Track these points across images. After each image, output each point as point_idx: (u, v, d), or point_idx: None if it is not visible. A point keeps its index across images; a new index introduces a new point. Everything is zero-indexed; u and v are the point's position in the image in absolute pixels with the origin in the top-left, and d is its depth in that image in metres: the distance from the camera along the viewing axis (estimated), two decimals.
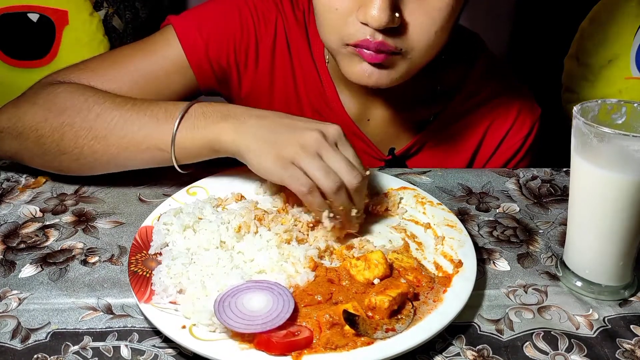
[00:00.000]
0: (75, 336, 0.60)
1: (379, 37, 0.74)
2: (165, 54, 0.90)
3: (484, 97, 0.97)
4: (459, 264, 0.68)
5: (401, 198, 0.81)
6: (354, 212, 0.70)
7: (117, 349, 0.59)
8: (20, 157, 0.83)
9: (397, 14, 0.73)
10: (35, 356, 0.58)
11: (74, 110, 0.78)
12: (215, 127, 0.73)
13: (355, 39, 0.75)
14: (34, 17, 1.42)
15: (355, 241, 0.73)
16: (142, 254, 0.68)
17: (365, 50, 0.76)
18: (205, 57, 0.91)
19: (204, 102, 0.77)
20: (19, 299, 0.65)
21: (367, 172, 0.71)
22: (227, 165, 0.81)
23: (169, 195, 0.80)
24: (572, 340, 0.62)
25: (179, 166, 0.77)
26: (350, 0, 0.74)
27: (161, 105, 0.78)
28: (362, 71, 0.78)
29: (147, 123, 0.76)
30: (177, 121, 0.74)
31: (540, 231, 0.80)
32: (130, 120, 0.77)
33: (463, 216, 0.82)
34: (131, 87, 0.87)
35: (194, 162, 0.77)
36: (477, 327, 0.63)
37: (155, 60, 0.90)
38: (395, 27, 0.74)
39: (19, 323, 0.61)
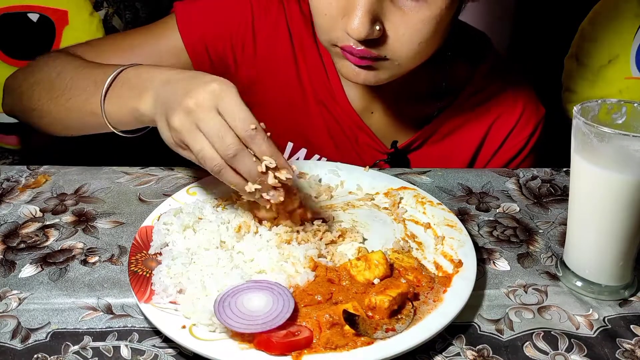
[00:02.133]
0: (75, 336, 0.60)
1: (361, 46, 0.76)
2: (161, 37, 0.93)
3: (489, 94, 0.98)
4: (459, 263, 0.68)
5: (401, 198, 0.81)
6: (250, 186, 0.65)
7: (117, 349, 0.59)
8: (14, 112, 0.92)
9: (377, 27, 0.74)
10: (35, 356, 0.58)
11: (44, 70, 0.85)
12: (136, 98, 0.71)
13: (341, 43, 0.78)
14: (34, 17, 1.42)
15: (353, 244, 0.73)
16: (142, 254, 0.68)
17: (350, 55, 0.78)
18: (201, 43, 0.93)
19: (136, 66, 0.75)
20: (19, 299, 0.64)
21: (258, 126, 0.63)
22: None
23: (169, 195, 0.80)
24: (572, 340, 0.62)
25: (122, 131, 0.78)
26: (336, 8, 0.75)
27: (103, 68, 0.78)
28: (351, 69, 0.80)
29: (87, 87, 0.78)
30: (105, 89, 0.75)
31: (540, 231, 0.80)
32: (77, 83, 0.79)
33: (463, 216, 0.82)
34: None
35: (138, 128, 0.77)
36: (477, 327, 0.63)
37: (151, 41, 0.93)
38: (377, 38, 0.75)
39: (19, 323, 0.61)
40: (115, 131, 0.78)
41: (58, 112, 0.82)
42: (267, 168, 0.64)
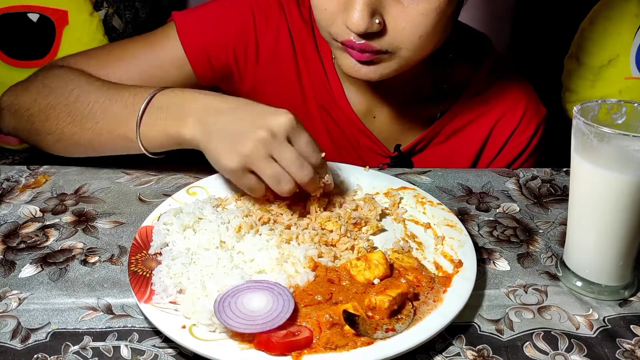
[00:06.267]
0: (75, 336, 0.60)
1: (362, 40, 0.76)
2: (163, 47, 0.92)
3: (491, 95, 0.98)
4: (459, 264, 0.68)
5: (401, 198, 0.81)
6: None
7: (117, 349, 0.59)
8: (17, 133, 0.90)
9: (377, 20, 0.74)
10: (35, 356, 0.58)
11: (58, 92, 0.82)
12: (176, 122, 0.74)
13: (342, 38, 0.78)
14: (34, 17, 1.42)
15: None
16: (142, 254, 0.68)
17: (351, 49, 0.78)
18: (203, 53, 0.92)
19: (169, 89, 0.77)
20: (19, 299, 0.64)
21: (323, 154, 0.73)
22: None
23: (169, 195, 0.80)
24: (572, 340, 0.62)
25: (152, 153, 0.79)
26: (336, 3, 0.76)
27: (132, 91, 0.79)
28: (352, 65, 0.80)
29: (117, 111, 0.78)
30: (140, 113, 0.76)
31: (540, 231, 0.80)
32: (103, 106, 0.79)
33: (463, 216, 0.82)
34: (128, 78, 0.89)
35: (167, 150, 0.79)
36: (477, 327, 0.63)
37: (153, 53, 0.92)
38: (378, 32, 0.75)
39: (19, 323, 0.61)
40: (147, 153, 0.78)
41: (82, 135, 0.80)
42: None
